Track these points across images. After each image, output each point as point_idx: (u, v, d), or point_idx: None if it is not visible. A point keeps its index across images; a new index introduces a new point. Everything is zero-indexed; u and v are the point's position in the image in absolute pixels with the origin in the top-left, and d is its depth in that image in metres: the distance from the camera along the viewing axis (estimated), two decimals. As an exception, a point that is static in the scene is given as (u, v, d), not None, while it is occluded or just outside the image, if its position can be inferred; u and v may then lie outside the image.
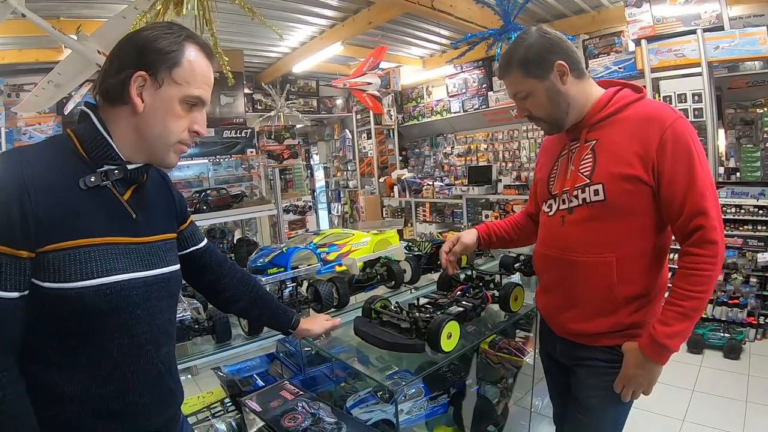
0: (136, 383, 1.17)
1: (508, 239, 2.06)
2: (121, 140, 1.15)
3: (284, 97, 7.27)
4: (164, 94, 1.13)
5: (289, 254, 2.10)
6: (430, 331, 1.62)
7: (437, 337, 1.60)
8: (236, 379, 2.21)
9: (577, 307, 1.64)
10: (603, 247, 1.55)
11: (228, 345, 1.92)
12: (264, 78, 7.87)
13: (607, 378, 1.60)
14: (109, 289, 1.08)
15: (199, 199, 4.36)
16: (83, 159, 1.11)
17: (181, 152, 1.23)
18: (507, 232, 2.05)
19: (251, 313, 1.74)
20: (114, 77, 1.11)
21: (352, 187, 9.48)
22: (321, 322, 1.85)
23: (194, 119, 1.20)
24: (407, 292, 2.46)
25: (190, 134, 1.21)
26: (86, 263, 1.05)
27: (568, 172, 1.65)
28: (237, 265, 1.71)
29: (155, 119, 1.14)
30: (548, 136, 1.87)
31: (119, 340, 1.12)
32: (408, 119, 8.75)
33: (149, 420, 1.22)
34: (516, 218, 2.09)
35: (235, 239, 4.80)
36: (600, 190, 1.53)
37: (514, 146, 7.18)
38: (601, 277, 1.56)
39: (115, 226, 1.13)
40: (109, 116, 1.15)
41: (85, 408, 1.10)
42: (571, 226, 1.62)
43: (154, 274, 1.20)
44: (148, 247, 1.21)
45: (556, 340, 1.78)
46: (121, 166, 1.14)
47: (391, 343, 1.66)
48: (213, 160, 5.08)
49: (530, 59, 1.56)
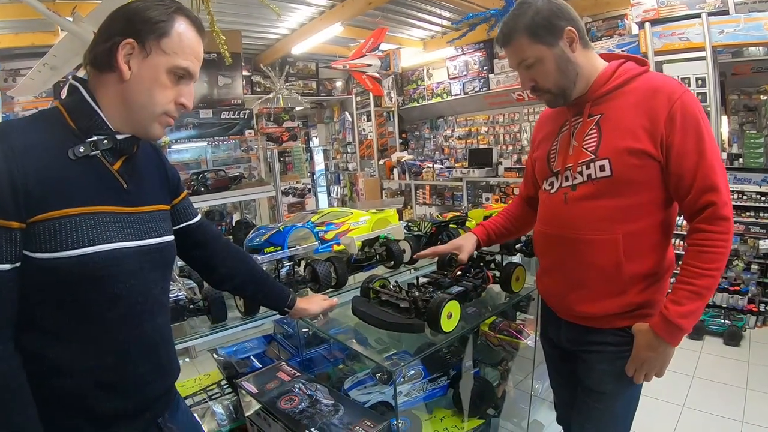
0: (134, 354, 1.16)
1: (507, 233, 2.01)
2: (109, 109, 1.13)
3: (283, 79, 7.19)
4: (151, 62, 1.12)
5: (286, 233, 2.04)
6: (430, 310, 1.56)
7: (437, 317, 1.54)
8: (233, 360, 2.18)
9: (583, 288, 1.58)
10: (609, 223, 1.49)
11: (224, 326, 1.87)
12: (263, 60, 7.78)
13: (618, 362, 1.55)
14: (100, 257, 1.06)
15: (197, 181, 4.30)
16: (72, 130, 1.10)
17: (166, 124, 1.21)
18: (505, 227, 1.99)
19: (246, 291, 1.71)
20: (102, 45, 1.10)
21: (352, 169, 9.40)
22: (318, 302, 1.81)
23: (181, 92, 1.19)
24: (407, 272, 2.40)
25: (177, 106, 1.19)
26: (76, 232, 1.04)
27: (570, 148, 1.58)
28: (232, 242, 1.69)
29: (141, 88, 1.13)
30: (544, 113, 1.82)
31: (114, 310, 1.11)
32: (408, 102, 8.65)
33: (147, 392, 1.22)
34: (510, 209, 2.03)
35: (233, 221, 4.75)
36: (606, 165, 1.46)
37: (515, 129, 7.09)
38: (608, 255, 1.50)
39: (106, 196, 1.12)
40: (97, 85, 1.13)
41: (85, 379, 1.09)
42: (575, 204, 1.55)
43: (147, 244, 1.19)
44: (141, 216, 1.20)
45: (560, 324, 1.72)
46: (110, 136, 1.13)
47: (389, 323, 1.60)
48: (212, 143, 5.01)
49: (539, 24, 1.48)
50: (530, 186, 1.92)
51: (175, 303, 1.77)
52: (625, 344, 1.53)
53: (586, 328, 1.61)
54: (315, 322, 1.86)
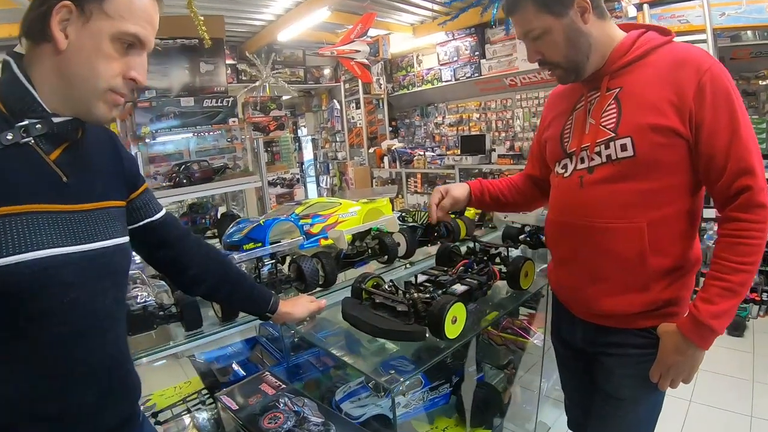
0: (78, 380, 0.98)
1: (504, 201, 1.80)
2: (44, 87, 0.94)
3: (269, 67, 6.95)
4: (92, 28, 0.92)
5: (267, 227, 1.82)
6: (432, 315, 1.35)
7: (440, 322, 1.33)
8: (214, 368, 1.97)
9: (601, 282, 1.40)
10: (631, 210, 1.31)
11: (200, 333, 1.65)
12: (248, 48, 7.49)
13: (642, 366, 1.39)
14: (32, 266, 0.87)
15: (179, 173, 4.12)
16: (1, 113, 0.91)
17: (115, 104, 1.00)
18: (503, 193, 1.79)
19: (220, 295, 1.50)
20: (36, 10, 0.91)
21: (341, 158, 9.16)
22: (304, 305, 1.63)
23: (130, 63, 0.98)
24: (401, 267, 2.19)
25: (126, 82, 0.99)
26: (3, 236, 0.85)
27: (586, 126, 1.40)
28: (202, 240, 1.47)
29: (80, 59, 0.93)
30: (555, 90, 1.63)
31: (53, 328, 0.93)
32: (398, 89, 8.43)
33: (98, 423, 1.03)
34: (514, 179, 1.83)
35: (218, 214, 4.53)
36: (628, 144, 1.29)
37: (507, 116, 6.89)
38: (631, 246, 1.32)
39: (40, 192, 0.92)
40: (32, 59, 0.94)
41: (20, 411, 0.92)
42: (592, 188, 1.37)
43: (92, 249, 0.99)
44: (84, 216, 1.00)
45: (575, 323, 1.55)
46: (45, 120, 0.93)
47: (385, 330, 1.38)
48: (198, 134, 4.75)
49: None
50: (536, 166, 1.75)
51: (143, 309, 1.56)
52: (649, 347, 1.37)
53: (606, 327, 1.45)
54: (300, 327, 1.65)
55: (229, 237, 1.88)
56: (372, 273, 1.68)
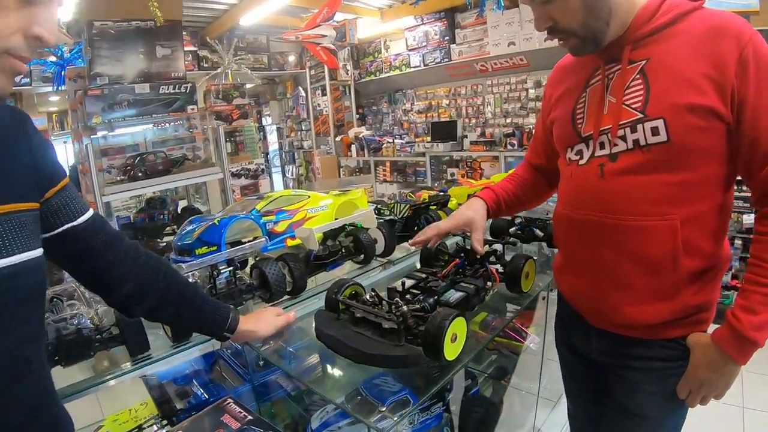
0: None
1: (519, 204, 1.58)
2: None
3: (232, 53, 6.61)
4: None
5: (222, 227, 1.52)
6: (428, 334, 1.09)
7: (439, 343, 1.07)
8: (171, 390, 1.66)
9: (626, 289, 1.18)
10: (663, 205, 1.10)
11: (148, 357, 1.38)
12: (210, 33, 7.14)
13: (668, 381, 1.20)
14: None
15: (134, 165, 3.79)
16: None
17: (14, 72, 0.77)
18: (517, 196, 1.55)
19: (165, 316, 1.23)
20: None
21: (307, 147, 8.80)
22: (269, 320, 1.37)
23: (34, 17, 0.75)
24: (378, 268, 1.92)
25: (28, 41, 0.75)
26: None
27: (604, 105, 1.16)
28: (140, 247, 1.16)
29: None
30: (561, 63, 1.38)
31: None
32: (365, 75, 8.09)
33: None
34: (520, 175, 1.59)
35: (179, 209, 4.20)
36: (660, 127, 1.06)
37: (477, 102, 6.62)
38: (662, 246, 1.11)
39: None
40: None
41: None
42: (616, 179, 1.14)
43: None
44: None
45: (590, 332, 1.32)
46: None
47: (372, 356, 1.10)
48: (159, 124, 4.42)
49: None
50: (541, 154, 1.51)
51: (78, 333, 1.28)
52: (677, 359, 1.18)
53: (627, 338, 1.23)
54: (265, 348, 1.37)
55: (181, 239, 1.57)
56: (349, 280, 1.39)
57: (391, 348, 1.10)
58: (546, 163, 1.49)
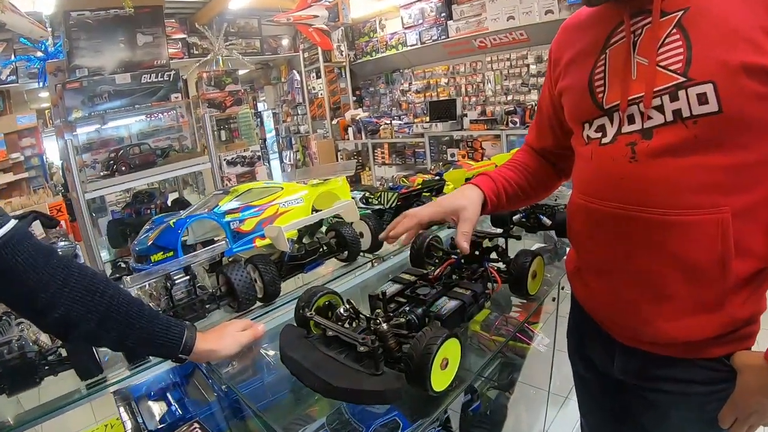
0: None
1: (523, 195, 1.28)
2: None
3: (222, 39, 6.37)
4: None
5: (178, 229, 1.29)
6: (410, 359, 0.86)
7: (424, 372, 0.84)
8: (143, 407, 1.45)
9: (664, 300, 0.94)
10: (712, 194, 0.86)
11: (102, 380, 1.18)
12: (199, 19, 6.88)
13: (707, 408, 0.97)
14: None
15: (117, 159, 3.56)
16: None
17: None
18: (520, 185, 1.26)
19: (106, 341, 1.02)
20: None
21: (304, 132, 8.55)
22: (232, 336, 1.15)
23: None
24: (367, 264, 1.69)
25: None
26: None
27: (632, 67, 0.92)
28: (72, 262, 0.96)
29: None
30: (571, 20, 1.12)
31: None
32: (360, 56, 7.83)
33: None
34: (522, 161, 1.31)
35: (169, 201, 3.99)
36: (709, 93, 0.81)
37: (477, 79, 6.36)
38: (710, 247, 0.87)
39: None
40: None
41: None
42: (652, 162, 0.89)
43: None
44: None
45: (613, 348, 1.09)
46: None
47: (342, 390, 0.87)
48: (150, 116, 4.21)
49: None
50: (547, 134, 1.25)
51: (22, 357, 1.11)
52: (720, 381, 0.95)
53: (660, 357, 1.00)
54: (227, 370, 1.15)
55: (139, 244, 1.35)
56: (321, 288, 1.16)
57: (365, 379, 0.86)
58: (553, 146, 1.23)
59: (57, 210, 4.51)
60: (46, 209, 4.32)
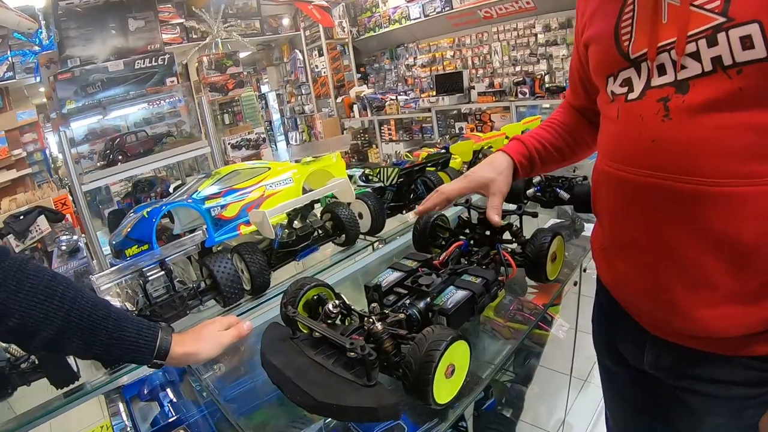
0: None
1: (559, 157, 1.16)
2: None
3: (221, 21, 6.18)
4: None
5: (152, 218, 1.15)
6: (411, 366, 0.71)
7: (426, 382, 0.69)
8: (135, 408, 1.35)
9: (704, 287, 0.78)
10: (761, 160, 0.69)
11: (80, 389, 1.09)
12: (196, 2, 6.67)
13: (746, 413, 0.83)
14: None
15: (113, 149, 3.47)
16: None
17: None
18: (556, 147, 1.15)
19: (70, 349, 0.88)
20: None
21: (309, 111, 8.38)
22: (213, 337, 0.99)
23: None
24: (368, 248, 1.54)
25: None
26: None
27: (662, 9, 0.75)
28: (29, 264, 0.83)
29: None
30: None
31: None
32: (363, 32, 7.61)
33: None
34: (559, 120, 1.18)
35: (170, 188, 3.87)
36: (755, 35, 0.65)
37: (484, 51, 6.14)
38: (759, 224, 0.71)
39: None
40: None
41: None
42: (688, 120, 0.72)
43: None
44: None
45: (642, 340, 0.94)
46: None
47: (328, 406, 0.72)
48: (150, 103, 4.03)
49: None
50: (578, 92, 1.11)
51: None
52: (763, 383, 0.81)
53: (698, 353, 0.85)
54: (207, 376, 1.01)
55: (115, 236, 1.21)
56: (310, 280, 1.01)
57: (354, 392, 0.72)
58: (587, 105, 1.07)
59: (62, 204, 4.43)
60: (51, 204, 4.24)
